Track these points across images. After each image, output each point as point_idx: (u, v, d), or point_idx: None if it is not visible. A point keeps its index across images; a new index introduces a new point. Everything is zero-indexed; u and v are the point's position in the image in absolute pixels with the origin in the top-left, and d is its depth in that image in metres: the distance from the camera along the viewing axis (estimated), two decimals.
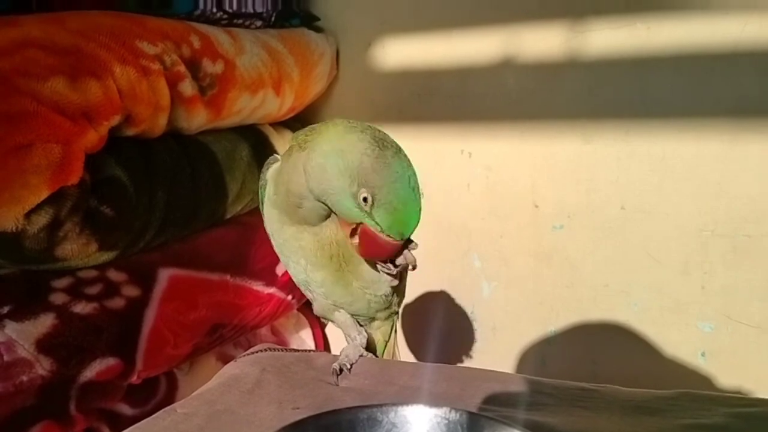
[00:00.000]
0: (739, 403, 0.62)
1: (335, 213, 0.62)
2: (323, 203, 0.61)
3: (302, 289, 0.74)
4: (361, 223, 0.59)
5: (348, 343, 0.75)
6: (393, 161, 0.57)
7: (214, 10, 1.06)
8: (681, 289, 1.03)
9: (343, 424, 0.46)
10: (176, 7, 1.01)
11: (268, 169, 0.71)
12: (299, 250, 0.68)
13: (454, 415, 0.46)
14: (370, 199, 0.57)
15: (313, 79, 1.23)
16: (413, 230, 0.59)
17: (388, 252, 0.60)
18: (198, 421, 0.57)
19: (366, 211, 0.57)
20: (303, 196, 0.62)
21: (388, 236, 0.58)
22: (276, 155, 0.72)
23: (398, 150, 0.59)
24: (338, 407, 0.48)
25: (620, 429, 0.56)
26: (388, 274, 0.65)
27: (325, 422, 0.45)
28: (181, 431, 0.55)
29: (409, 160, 0.60)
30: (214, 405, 0.60)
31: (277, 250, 0.73)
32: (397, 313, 0.80)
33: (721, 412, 0.59)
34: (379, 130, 0.60)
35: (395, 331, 0.83)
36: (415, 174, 0.59)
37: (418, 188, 0.59)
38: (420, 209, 0.59)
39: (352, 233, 0.61)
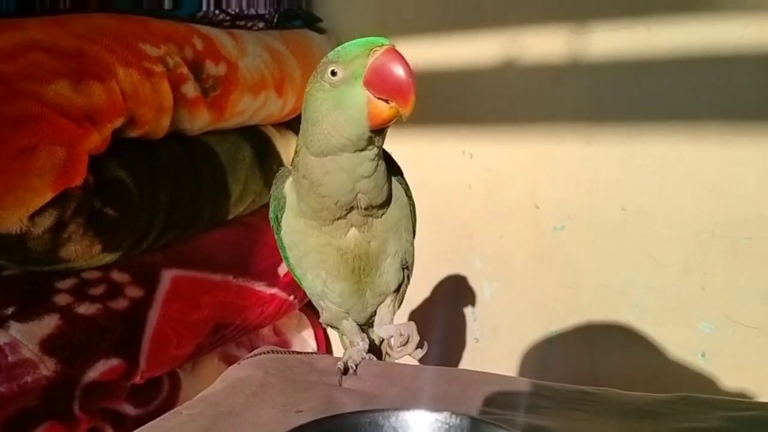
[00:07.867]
0: (737, 407, 0.62)
1: (351, 120, 0.60)
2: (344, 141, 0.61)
3: (314, 299, 0.76)
4: (366, 94, 0.58)
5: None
6: None
7: (217, 12, 1.07)
8: (681, 290, 1.04)
9: (345, 429, 0.46)
10: (183, 8, 1.02)
11: (283, 183, 0.70)
12: (321, 264, 0.70)
13: (454, 420, 0.47)
14: (339, 69, 0.59)
15: None
16: (383, 38, 0.59)
17: (400, 62, 0.58)
18: (203, 422, 0.58)
19: (350, 74, 0.59)
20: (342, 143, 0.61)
21: (375, 50, 0.58)
22: (287, 167, 0.71)
23: None
24: (340, 411, 0.48)
25: None
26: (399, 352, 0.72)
27: (328, 427, 0.46)
28: None
29: None
30: (218, 407, 0.61)
31: (293, 263, 0.73)
32: None
33: (718, 416, 0.59)
34: None
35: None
36: None
37: None
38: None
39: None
